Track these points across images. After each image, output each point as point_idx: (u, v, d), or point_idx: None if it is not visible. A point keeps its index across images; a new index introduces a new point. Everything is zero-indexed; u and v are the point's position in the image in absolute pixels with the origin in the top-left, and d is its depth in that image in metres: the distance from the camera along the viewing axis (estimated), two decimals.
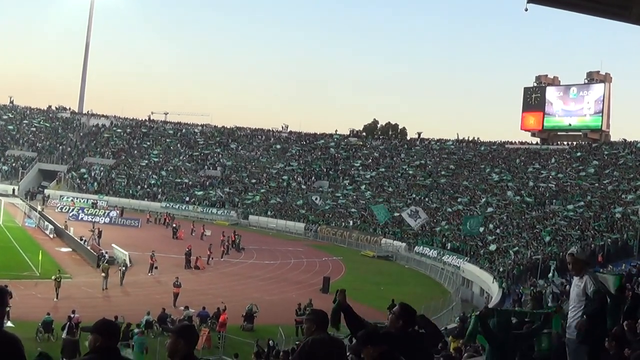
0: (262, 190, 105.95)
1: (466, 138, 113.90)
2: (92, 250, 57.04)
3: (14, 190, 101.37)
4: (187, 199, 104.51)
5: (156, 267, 53.07)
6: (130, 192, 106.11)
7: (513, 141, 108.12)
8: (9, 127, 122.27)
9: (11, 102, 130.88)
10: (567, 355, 9.55)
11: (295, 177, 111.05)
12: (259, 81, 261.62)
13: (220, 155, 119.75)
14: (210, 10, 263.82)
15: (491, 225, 72.76)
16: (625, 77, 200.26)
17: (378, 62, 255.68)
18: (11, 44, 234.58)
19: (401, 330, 7.88)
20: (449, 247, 69.58)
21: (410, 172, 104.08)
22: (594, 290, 9.34)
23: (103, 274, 47.27)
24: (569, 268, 10.02)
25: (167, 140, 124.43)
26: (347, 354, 8.27)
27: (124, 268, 47.97)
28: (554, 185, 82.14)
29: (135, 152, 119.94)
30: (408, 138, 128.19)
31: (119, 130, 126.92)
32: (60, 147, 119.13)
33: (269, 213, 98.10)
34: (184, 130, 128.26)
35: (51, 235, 67.10)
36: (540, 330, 9.73)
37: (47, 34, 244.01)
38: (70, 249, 61.00)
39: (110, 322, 6.29)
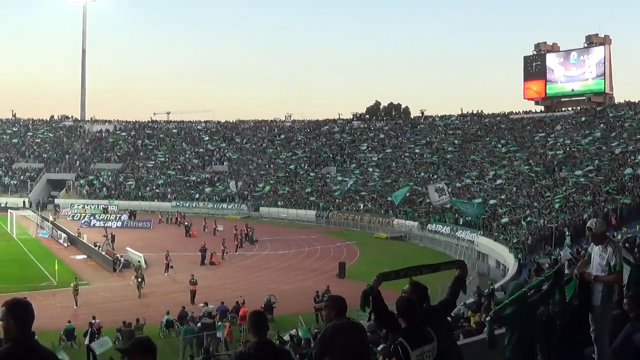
0: (271, 181, 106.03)
1: (470, 112, 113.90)
2: (107, 255, 57.13)
3: (24, 202, 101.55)
4: (197, 196, 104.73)
5: (172, 267, 53.17)
6: (140, 194, 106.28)
7: (517, 111, 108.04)
8: (14, 140, 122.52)
9: (14, 115, 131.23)
10: (591, 322, 9.53)
11: (302, 165, 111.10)
12: (258, 72, 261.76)
13: (225, 150, 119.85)
14: (204, 3, 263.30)
15: (502, 197, 72.74)
16: (624, 38, 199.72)
17: (375, 42, 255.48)
18: (8, 57, 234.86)
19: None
20: (461, 223, 69.50)
21: (417, 150, 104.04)
22: (617, 264, 9.30)
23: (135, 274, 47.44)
24: (590, 240, 9.99)
25: (172, 139, 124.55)
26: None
27: (139, 279, 45.82)
28: (561, 152, 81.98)
29: (141, 153, 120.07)
30: (412, 117, 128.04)
31: (123, 133, 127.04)
32: (67, 155, 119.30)
33: (279, 203, 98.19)
34: (187, 128, 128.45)
35: (65, 244, 67.16)
36: (553, 287, 9.71)
37: (43, 44, 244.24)
38: (85, 256, 61.10)
39: None
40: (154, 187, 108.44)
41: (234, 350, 26.98)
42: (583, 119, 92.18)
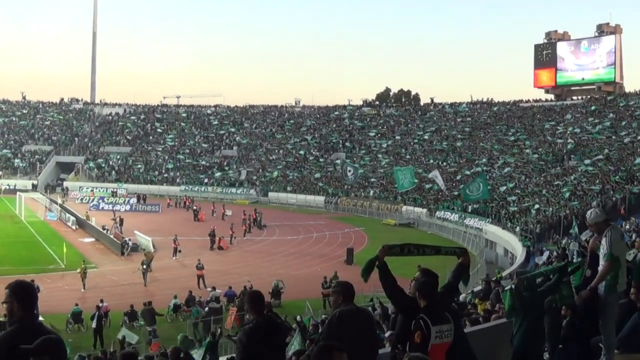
0: (280, 167, 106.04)
1: (480, 99, 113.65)
2: (115, 239, 57.28)
3: (33, 185, 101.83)
4: (206, 180, 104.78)
5: (180, 251, 53.19)
6: (149, 178, 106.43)
7: (527, 99, 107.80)
8: (23, 122, 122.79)
9: (23, 97, 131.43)
10: (599, 310, 9.52)
11: (312, 150, 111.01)
12: (268, 57, 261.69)
13: (235, 135, 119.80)
14: None
15: (511, 185, 72.61)
16: (635, 27, 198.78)
17: (386, 28, 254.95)
18: (19, 39, 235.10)
19: None
20: (470, 210, 69.39)
21: (426, 137, 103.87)
22: (606, 254, 9.24)
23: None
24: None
25: (181, 123, 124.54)
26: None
27: (144, 266, 44.46)
28: (571, 141, 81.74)
29: (151, 137, 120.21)
30: (422, 104, 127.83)
31: (132, 117, 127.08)
32: (76, 138, 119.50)
33: (288, 189, 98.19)
34: (197, 113, 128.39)
35: (73, 227, 67.35)
36: (558, 282, 9.70)
37: (54, 26, 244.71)
38: (93, 239, 61.30)
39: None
40: (163, 171, 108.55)
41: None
42: (593, 107, 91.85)
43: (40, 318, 31.29)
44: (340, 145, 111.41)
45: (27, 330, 5.67)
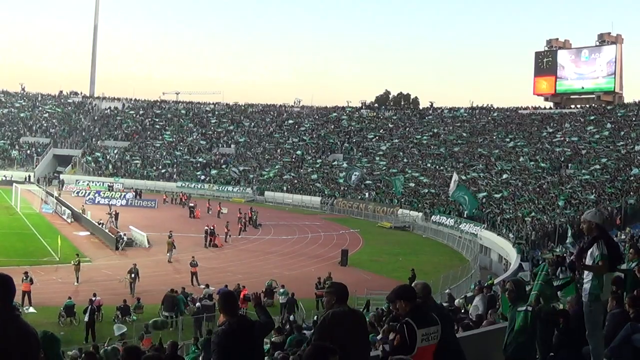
0: (277, 166, 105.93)
1: (479, 105, 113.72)
2: (110, 233, 57.21)
3: (29, 177, 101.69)
4: (203, 177, 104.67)
5: (174, 247, 53.07)
6: (146, 173, 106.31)
7: (526, 106, 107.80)
8: (22, 114, 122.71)
9: (22, 89, 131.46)
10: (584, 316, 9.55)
11: (309, 151, 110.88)
12: (268, 56, 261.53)
13: (233, 133, 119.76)
14: None
15: (507, 192, 72.63)
16: (636, 37, 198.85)
17: (387, 31, 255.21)
18: (19, 30, 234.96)
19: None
20: (465, 215, 69.38)
21: (424, 141, 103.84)
22: (600, 254, 9.24)
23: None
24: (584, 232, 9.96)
25: (180, 120, 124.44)
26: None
27: (132, 275, 40.31)
28: (568, 150, 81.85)
29: (149, 133, 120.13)
30: (420, 107, 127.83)
31: (131, 112, 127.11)
32: (74, 131, 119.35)
33: (284, 188, 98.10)
34: (195, 109, 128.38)
35: (69, 220, 67.32)
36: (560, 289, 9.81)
37: (55, 18, 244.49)
38: (88, 233, 61.19)
39: None
40: (160, 167, 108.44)
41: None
42: (592, 117, 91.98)
43: (32, 310, 31.24)
44: (338, 147, 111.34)
45: (3, 323, 5.51)
